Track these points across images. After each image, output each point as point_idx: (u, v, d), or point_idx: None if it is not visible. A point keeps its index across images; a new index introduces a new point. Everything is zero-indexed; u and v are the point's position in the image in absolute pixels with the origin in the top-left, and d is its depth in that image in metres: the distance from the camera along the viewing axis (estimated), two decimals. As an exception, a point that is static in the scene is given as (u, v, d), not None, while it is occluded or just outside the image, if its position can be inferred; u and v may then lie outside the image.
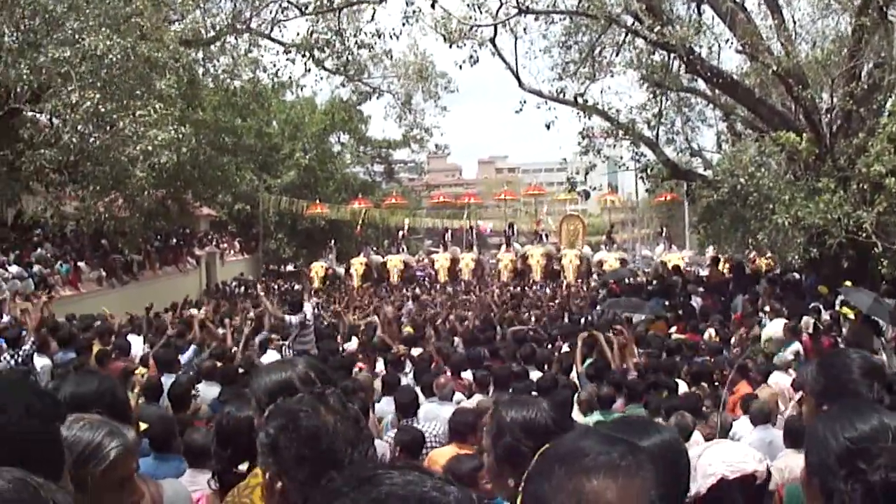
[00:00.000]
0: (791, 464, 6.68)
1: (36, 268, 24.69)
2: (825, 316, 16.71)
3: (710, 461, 2.84)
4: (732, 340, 15.92)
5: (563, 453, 1.72)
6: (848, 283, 17.46)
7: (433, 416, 8.86)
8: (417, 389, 9.99)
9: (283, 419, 2.29)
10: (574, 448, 1.71)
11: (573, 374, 11.42)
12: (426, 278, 41.25)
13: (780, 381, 11.55)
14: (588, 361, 11.79)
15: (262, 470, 2.37)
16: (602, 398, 9.18)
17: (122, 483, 2.66)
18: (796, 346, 14.18)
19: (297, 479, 2.20)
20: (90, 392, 3.28)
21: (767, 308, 18.08)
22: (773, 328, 15.52)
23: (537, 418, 3.00)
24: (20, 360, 11.44)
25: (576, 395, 9.47)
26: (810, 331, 14.77)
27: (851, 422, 2.23)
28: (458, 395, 10.02)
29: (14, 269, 23.28)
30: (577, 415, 8.93)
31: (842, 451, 2.16)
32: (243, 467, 3.56)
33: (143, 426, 6.75)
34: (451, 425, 7.39)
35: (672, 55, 22.04)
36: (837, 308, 17.19)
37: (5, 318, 17.91)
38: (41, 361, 11.77)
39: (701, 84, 24.80)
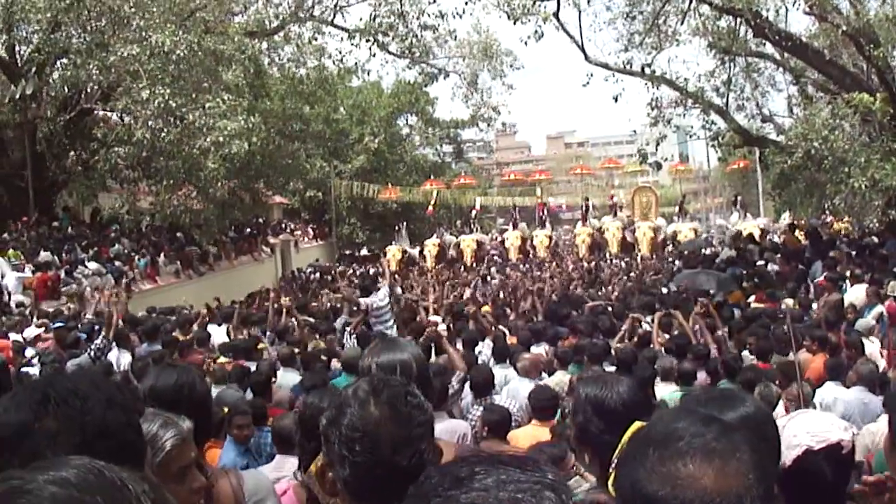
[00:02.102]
0: (885, 429, 6.56)
1: (116, 263, 25.05)
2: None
3: (795, 432, 2.79)
4: (814, 307, 15.64)
5: (656, 436, 1.68)
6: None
7: (514, 393, 8.84)
8: (497, 368, 10.00)
9: (334, 412, 2.26)
10: (667, 431, 1.67)
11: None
12: (499, 257, 41.16)
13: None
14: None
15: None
16: (683, 373, 9.07)
17: (181, 473, 2.68)
18: (879, 309, 13.88)
19: (340, 475, 2.20)
20: (169, 385, 3.31)
21: (848, 273, 17.74)
22: (855, 293, 15.23)
23: (607, 398, 2.98)
24: (94, 353, 11.60)
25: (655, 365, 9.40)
26: (895, 294, 14.47)
27: None
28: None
29: (93, 265, 23.66)
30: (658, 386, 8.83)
31: None
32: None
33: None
34: (533, 403, 7.42)
35: (738, 20, 21.71)
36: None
37: (89, 315, 18.23)
38: (121, 356, 11.92)
39: (769, 48, 24.44)
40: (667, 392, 8.47)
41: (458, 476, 1.16)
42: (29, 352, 12.87)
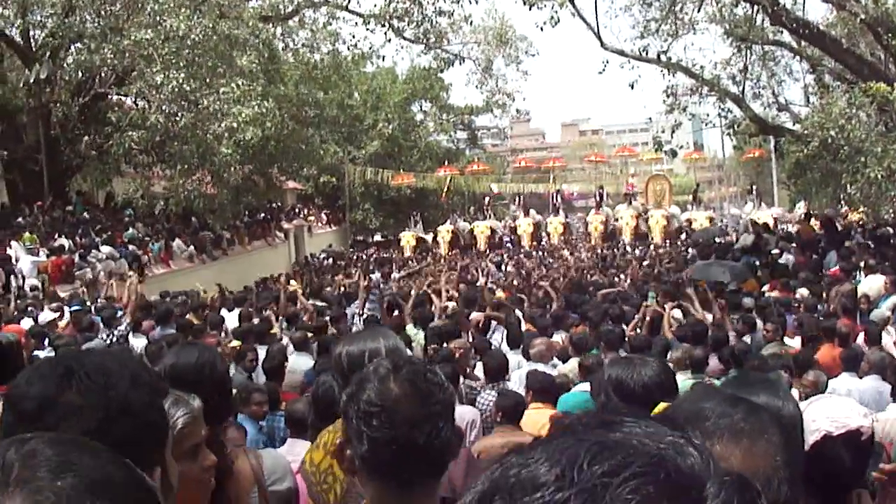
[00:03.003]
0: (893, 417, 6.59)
1: (130, 247, 25.13)
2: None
3: (814, 417, 2.78)
4: (829, 296, 15.60)
5: (682, 415, 1.67)
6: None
7: (525, 379, 8.85)
8: (511, 354, 10.02)
9: (354, 387, 2.25)
10: (694, 410, 1.67)
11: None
12: (511, 244, 41.19)
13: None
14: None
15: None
16: (695, 360, 9.04)
17: (193, 451, 2.66)
18: (893, 299, 13.84)
19: (357, 451, 2.19)
20: (191, 364, 3.26)
21: (862, 264, 17.68)
22: (870, 284, 15.18)
23: (629, 378, 3.00)
24: (116, 339, 11.60)
25: (668, 355, 9.39)
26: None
27: None
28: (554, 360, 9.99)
29: (106, 249, 23.72)
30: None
31: None
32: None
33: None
34: (531, 385, 7.50)
35: (756, 7, 21.61)
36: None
37: (101, 299, 18.26)
38: (137, 340, 11.95)
39: (786, 36, 24.35)
40: (679, 380, 8.44)
41: (605, 420, 1.14)
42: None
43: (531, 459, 0.97)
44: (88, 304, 16.99)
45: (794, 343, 10.81)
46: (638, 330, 11.93)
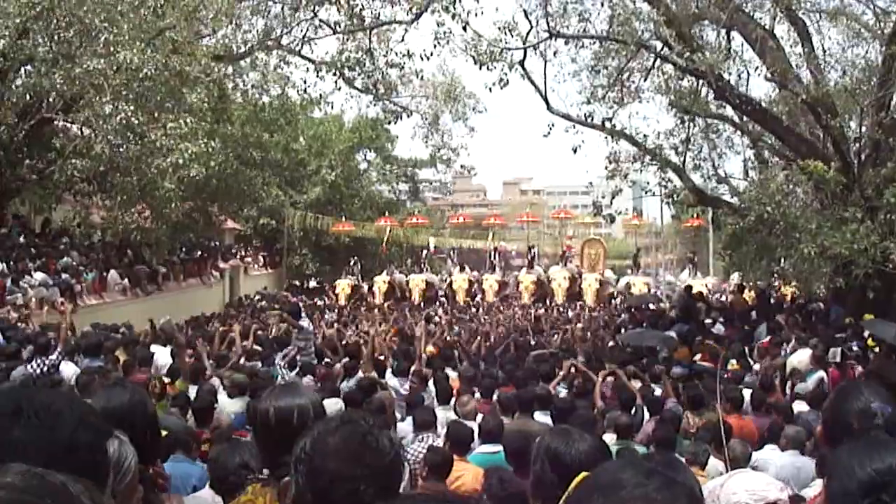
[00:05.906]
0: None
1: (63, 276, 24.81)
2: (853, 347, 16.58)
3: (734, 490, 2.87)
4: (756, 367, 15.83)
5: (601, 483, 1.75)
6: (869, 315, 17.42)
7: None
8: (439, 410, 10.07)
9: (309, 431, 2.33)
10: (613, 479, 1.74)
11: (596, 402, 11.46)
12: (446, 298, 41.25)
13: (802, 410, 11.46)
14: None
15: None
16: (620, 426, 9.16)
17: (136, 488, 2.71)
18: (819, 374, 14.12)
19: (292, 491, 2.27)
20: (124, 404, 3.27)
21: (792, 338, 17.97)
22: (798, 358, 15.44)
23: (566, 453, 3.05)
24: (46, 368, 11.47)
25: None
26: (837, 360, 14.71)
27: (880, 454, 2.25)
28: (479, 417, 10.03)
29: (39, 276, 23.40)
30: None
31: (866, 481, 2.19)
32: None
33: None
34: (452, 437, 7.65)
35: (701, 81, 21.98)
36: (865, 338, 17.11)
37: (31, 327, 17.96)
38: (68, 369, 11.81)
39: (729, 111, 24.73)
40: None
41: None
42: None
43: None
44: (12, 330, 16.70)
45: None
46: (563, 389, 12.10)
